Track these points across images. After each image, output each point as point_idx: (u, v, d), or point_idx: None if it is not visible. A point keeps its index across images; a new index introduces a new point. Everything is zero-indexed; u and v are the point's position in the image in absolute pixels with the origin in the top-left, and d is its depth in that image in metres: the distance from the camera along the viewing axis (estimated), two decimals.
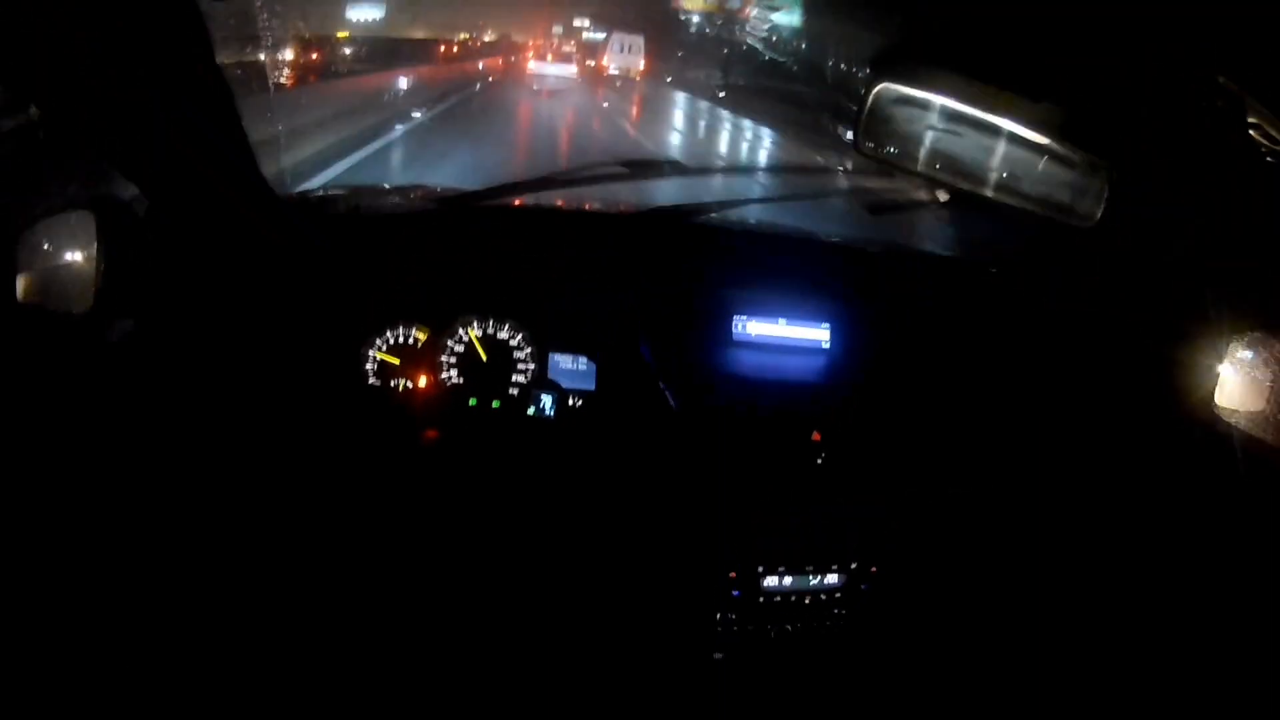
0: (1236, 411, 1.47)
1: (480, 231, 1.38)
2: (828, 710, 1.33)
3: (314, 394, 1.30)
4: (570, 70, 16.95)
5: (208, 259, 1.24)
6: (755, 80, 13.58)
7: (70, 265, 1.27)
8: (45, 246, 1.25)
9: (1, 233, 1.16)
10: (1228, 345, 1.47)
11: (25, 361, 1.15)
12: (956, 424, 1.34)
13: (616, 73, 18.83)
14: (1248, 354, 1.56)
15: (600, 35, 21.62)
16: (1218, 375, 1.46)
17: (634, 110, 14.03)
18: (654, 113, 13.89)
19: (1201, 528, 1.42)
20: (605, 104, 13.89)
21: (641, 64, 19.11)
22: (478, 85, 14.03)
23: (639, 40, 19.35)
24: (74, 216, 1.20)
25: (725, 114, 12.72)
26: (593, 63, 20.24)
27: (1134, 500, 1.45)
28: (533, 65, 17.00)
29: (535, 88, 14.55)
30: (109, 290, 1.16)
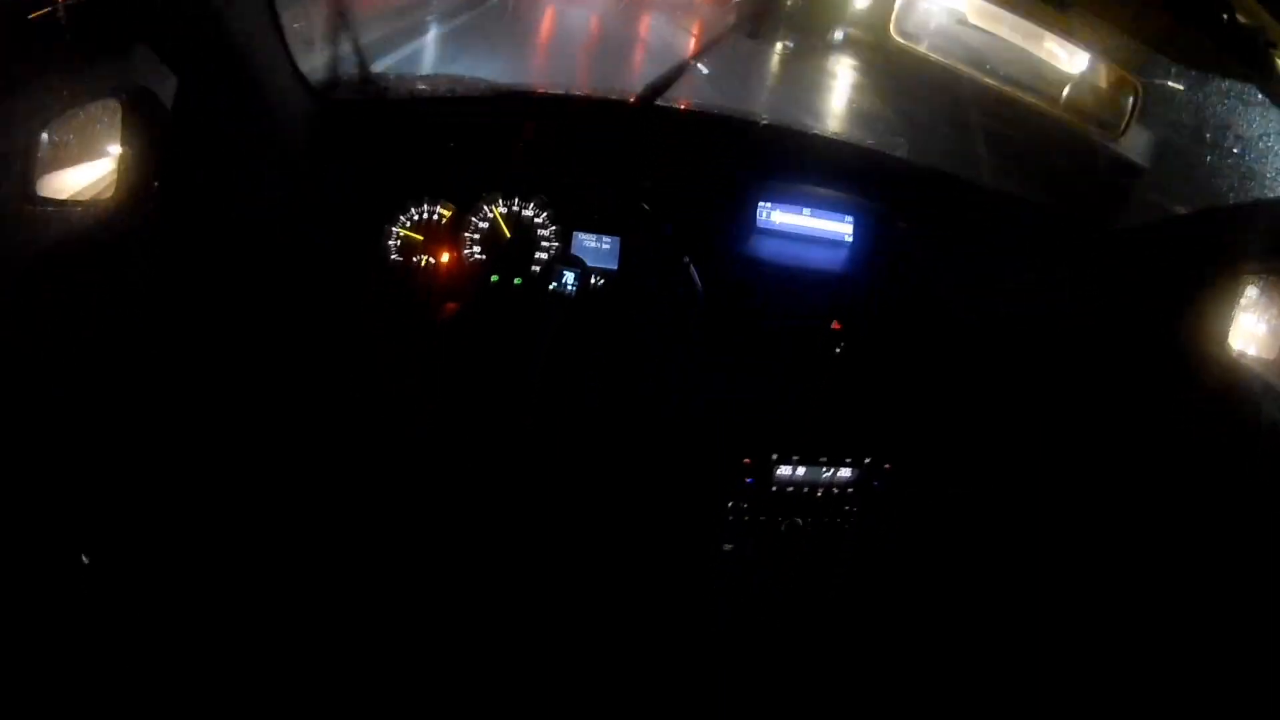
0: (1249, 355, 1.48)
1: (508, 114, 1.39)
2: (832, 607, 1.31)
3: (337, 269, 1.30)
4: None
5: (234, 145, 1.25)
6: None
7: (94, 161, 1.28)
8: (70, 141, 1.26)
9: (27, 124, 1.15)
10: (1243, 289, 1.47)
11: (47, 255, 1.15)
12: (969, 336, 1.34)
13: None
14: (1262, 298, 1.57)
15: None
16: (1233, 318, 1.46)
17: None
18: None
19: (1216, 468, 1.42)
20: None
21: None
22: None
23: None
24: (100, 106, 1.21)
25: None
26: None
27: (1147, 435, 1.44)
28: None
29: None
30: (134, 177, 1.16)
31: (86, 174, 1.28)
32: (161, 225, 1.19)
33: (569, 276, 1.28)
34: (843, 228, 1.35)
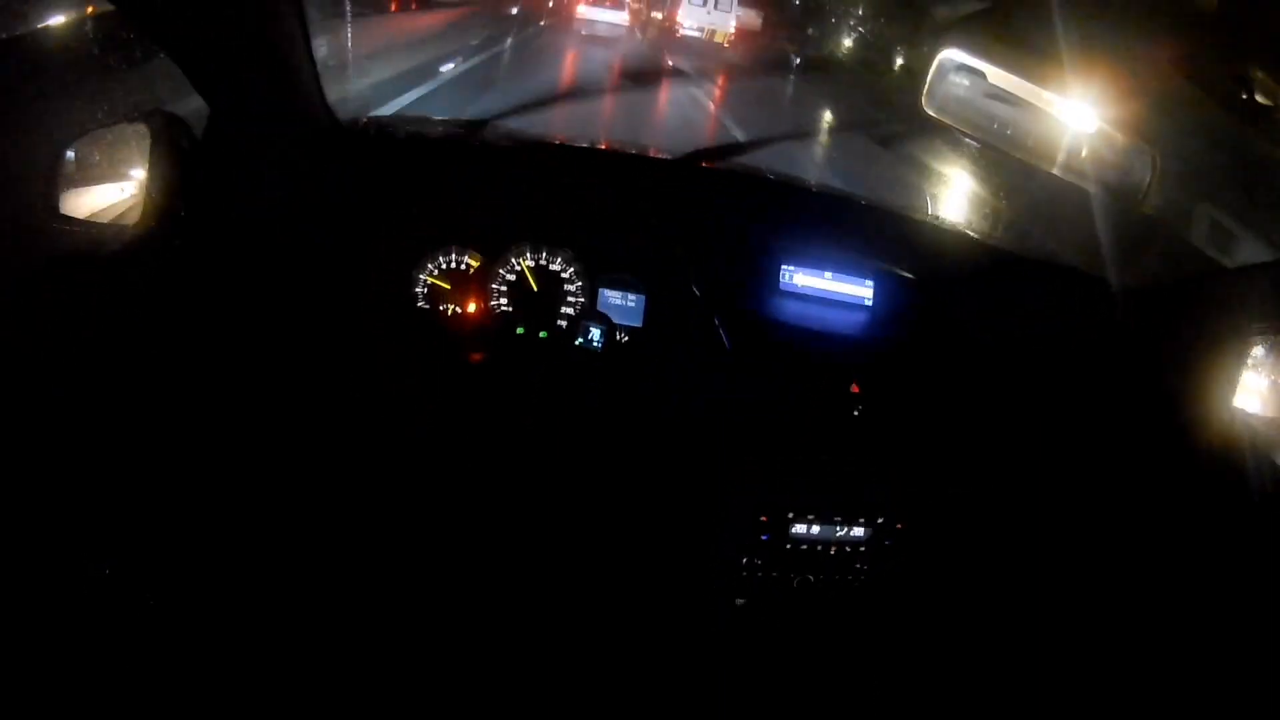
0: (1256, 415, 1.50)
1: (538, 165, 1.41)
2: (839, 666, 1.34)
3: (363, 314, 1.31)
4: (620, 17, 13.64)
5: (264, 177, 1.26)
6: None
7: (121, 178, 1.29)
8: (95, 159, 1.26)
9: (54, 141, 1.15)
10: (1249, 348, 1.50)
11: (71, 275, 1.16)
12: (985, 398, 1.36)
13: (695, 34, 13.49)
14: (1269, 357, 1.59)
15: None
16: (1238, 379, 1.48)
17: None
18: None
19: (1216, 526, 1.45)
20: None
21: (733, 25, 13.52)
22: (532, 27, 13.00)
23: None
24: (128, 129, 1.21)
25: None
26: (659, 14, 15.21)
27: (1151, 498, 1.47)
28: (582, 10, 13.96)
29: (584, 33, 12.85)
30: (160, 203, 1.17)
31: (110, 194, 1.30)
32: (186, 252, 1.20)
33: (595, 332, 1.30)
34: (863, 291, 1.37)
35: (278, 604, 1.17)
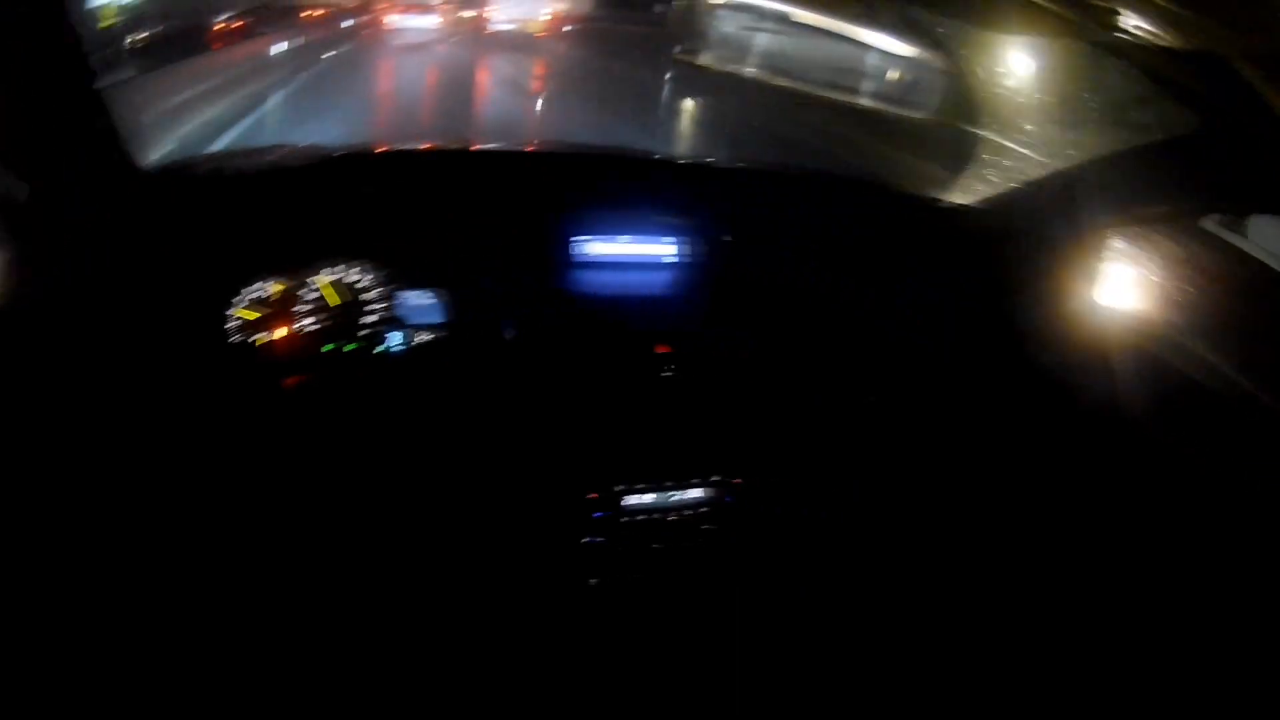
0: (1116, 308, 1.46)
1: (326, 179, 1.39)
2: (706, 628, 1.33)
3: (182, 356, 1.31)
4: (431, 21, 12.39)
5: (87, 238, 1.26)
6: None
7: None
8: None
9: None
10: (1106, 241, 1.46)
11: None
12: (813, 330, 1.33)
13: (508, 26, 12.18)
14: (1130, 250, 1.55)
15: None
16: (1098, 272, 1.45)
17: None
18: None
19: (1084, 419, 1.41)
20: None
21: (546, 13, 12.06)
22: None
23: None
24: None
25: None
26: (469, 13, 13.58)
27: (1018, 399, 1.44)
28: (392, 20, 12.61)
29: (395, 43, 11.84)
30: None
31: None
32: (25, 326, 1.21)
33: (395, 338, 1.29)
34: (665, 250, 1.34)
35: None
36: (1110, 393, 1.39)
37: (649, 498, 1.27)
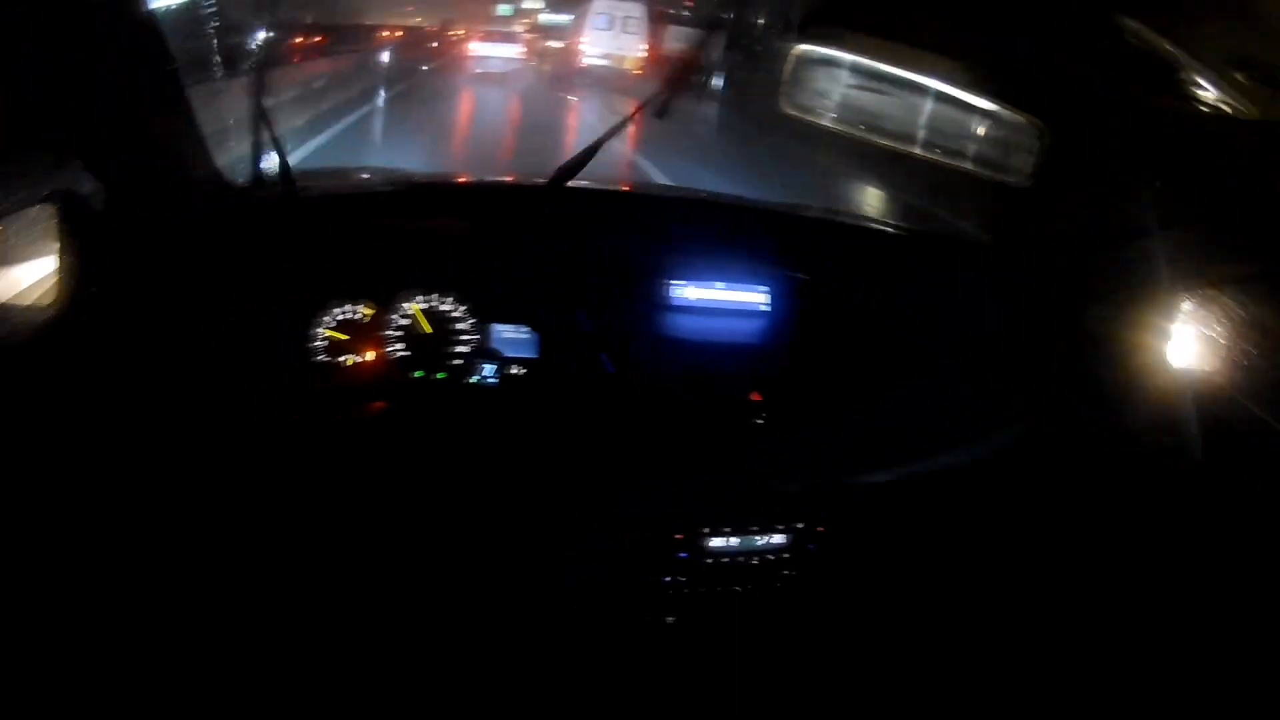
0: (1188, 370, 1.48)
1: (422, 208, 1.41)
2: (780, 670, 1.33)
3: (265, 374, 1.32)
4: (514, 51, 12.38)
5: (166, 248, 1.27)
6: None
7: (31, 260, 1.30)
8: (6, 243, 1.28)
9: None
10: (1177, 304, 1.47)
11: None
12: (897, 384, 1.35)
13: (602, 62, 11.63)
14: (1200, 313, 1.56)
15: (565, 18, 14.19)
16: (1169, 334, 1.46)
17: None
18: None
19: (1156, 481, 1.42)
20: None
21: (642, 50, 11.61)
22: (425, 68, 12.21)
23: (638, 8, 11.73)
24: (35, 211, 1.22)
25: None
26: (557, 43, 13.63)
27: (1087, 458, 1.45)
28: (474, 47, 12.75)
29: (477, 70, 11.81)
30: (71, 284, 1.18)
31: (30, 274, 1.31)
32: (97, 330, 1.21)
33: (488, 369, 1.30)
34: (758, 297, 1.36)
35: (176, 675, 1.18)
36: (1176, 451, 1.41)
37: (733, 541, 1.27)
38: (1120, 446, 1.44)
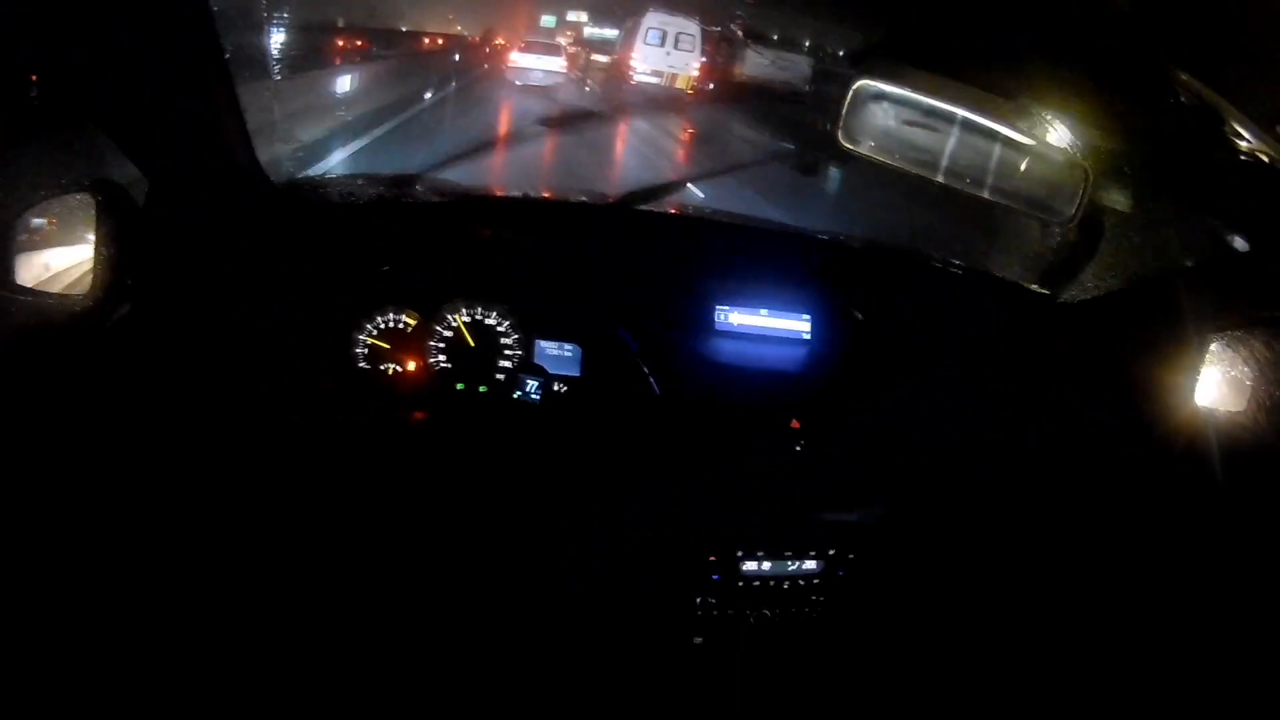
0: (1217, 410, 1.49)
1: (469, 220, 1.41)
2: (805, 693, 1.35)
3: (306, 377, 1.32)
4: (557, 64, 11.91)
5: (206, 243, 1.27)
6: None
7: (69, 248, 1.30)
8: (45, 229, 1.28)
9: (6, 207, 1.16)
10: (1208, 344, 1.49)
11: (22, 345, 1.17)
12: (932, 416, 1.36)
13: (652, 80, 11.00)
14: (1228, 354, 1.58)
15: (611, 32, 13.40)
16: (1198, 374, 1.47)
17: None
18: None
19: (1179, 520, 1.44)
20: None
21: (697, 67, 10.99)
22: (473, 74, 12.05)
23: (692, 27, 11.00)
24: (74, 199, 1.23)
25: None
26: (604, 57, 13.04)
27: (1112, 494, 1.47)
28: (515, 57, 12.10)
29: (517, 82, 11.43)
30: (107, 274, 1.18)
31: (67, 257, 1.31)
32: (133, 321, 1.22)
33: (532, 385, 1.31)
34: (801, 325, 1.37)
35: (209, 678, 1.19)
36: (1207, 491, 1.42)
37: (767, 565, 1.29)
38: (1150, 484, 1.46)
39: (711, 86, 11.14)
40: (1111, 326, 1.49)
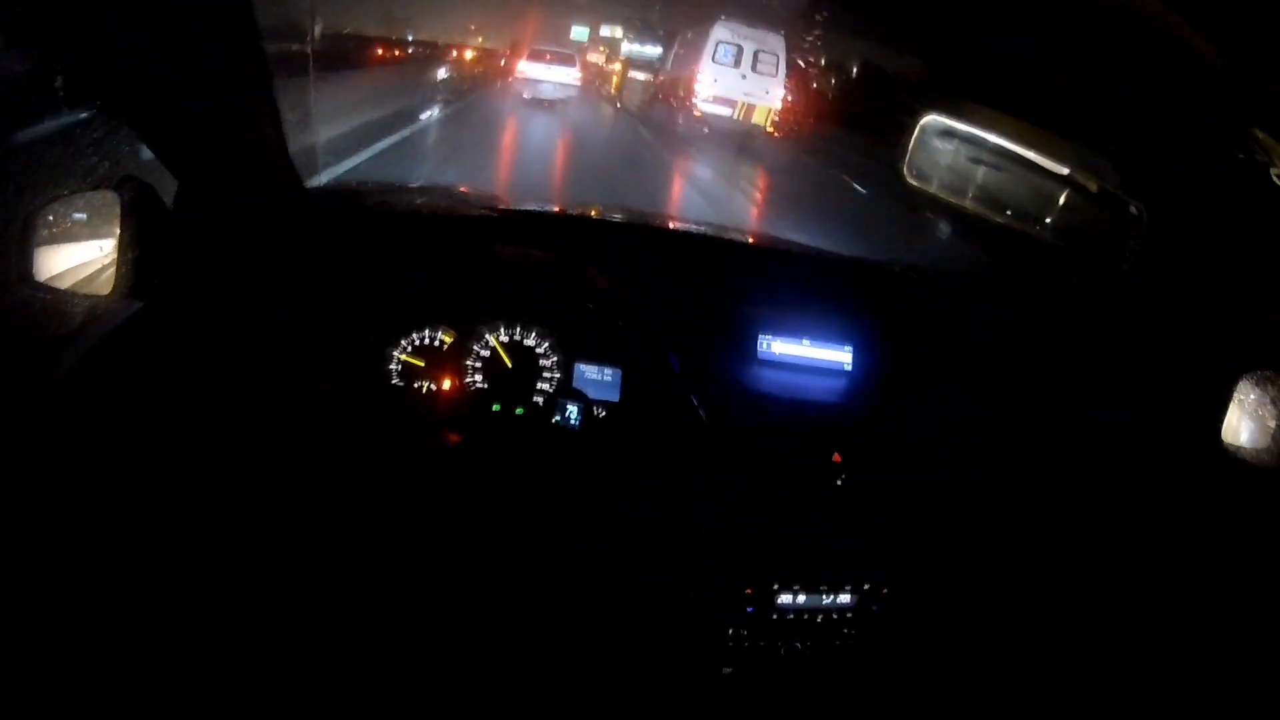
0: (1241, 449, 1.50)
1: (510, 237, 1.37)
2: None
3: (336, 391, 1.28)
4: (570, 75, 10.56)
5: (236, 245, 1.23)
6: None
7: (91, 243, 1.25)
8: (66, 223, 1.23)
9: (24, 207, 1.12)
10: (1236, 383, 1.49)
11: (41, 342, 1.13)
12: (972, 450, 1.35)
13: (721, 111, 8.47)
14: (1256, 392, 1.58)
15: (653, 49, 11.07)
16: (1225, 412, 1.48)
17: None
18: None
19: (1204, 559, 1.45)
20: None
21: (780, 97, 8.44)
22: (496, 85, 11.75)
23: (776, 39, 8.48)
24: (97, 195, 1.18)
25: None
26: (645, 75, 11.02)
27: (1139, 529, 1.47)
28: (524, 67, 10.87)
29: (526, 95, 10.47)
30: (132, 273, 1.14)
31: (87, 252, 1.27)
32: (157, 321, 1.18)
33: (572, 410, 1.28)
34: (842, 356, 1.35)
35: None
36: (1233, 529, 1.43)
37: (802, 599, 1.28)
38: (1174, 520, 1.47)
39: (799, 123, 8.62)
40: (1144, 360, 1.49)
